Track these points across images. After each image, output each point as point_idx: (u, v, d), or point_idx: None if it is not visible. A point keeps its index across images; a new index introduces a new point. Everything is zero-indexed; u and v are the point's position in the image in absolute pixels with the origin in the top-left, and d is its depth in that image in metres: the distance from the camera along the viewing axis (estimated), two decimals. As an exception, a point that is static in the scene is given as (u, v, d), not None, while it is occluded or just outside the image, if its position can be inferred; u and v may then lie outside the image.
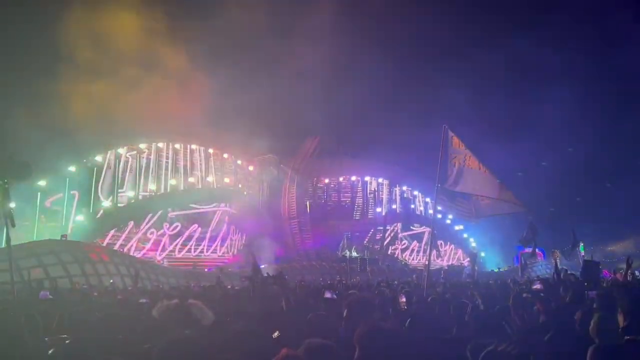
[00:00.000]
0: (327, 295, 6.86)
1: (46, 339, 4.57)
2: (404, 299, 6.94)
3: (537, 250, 26.13)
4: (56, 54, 28.79)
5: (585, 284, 11.07)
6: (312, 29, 34.11)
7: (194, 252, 37.20)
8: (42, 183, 29.40)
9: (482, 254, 48.36)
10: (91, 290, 15.69)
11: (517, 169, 35.79)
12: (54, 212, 31.68)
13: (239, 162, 43.49)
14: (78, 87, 29.02)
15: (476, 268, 30.44)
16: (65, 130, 28.29)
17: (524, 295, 7.60)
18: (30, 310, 5.07)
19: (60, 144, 28.05)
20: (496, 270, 42.47)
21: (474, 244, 49.18)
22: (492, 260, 47.57)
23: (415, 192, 50.15)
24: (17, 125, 28.38)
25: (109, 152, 34.53)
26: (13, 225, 6.34)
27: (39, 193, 30.04)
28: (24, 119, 28.39)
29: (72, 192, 32.05)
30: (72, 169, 31.85)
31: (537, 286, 7.44)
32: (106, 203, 33.59)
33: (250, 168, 44.35)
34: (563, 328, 4.57)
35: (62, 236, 28.59)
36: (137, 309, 6.03)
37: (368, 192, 49.58)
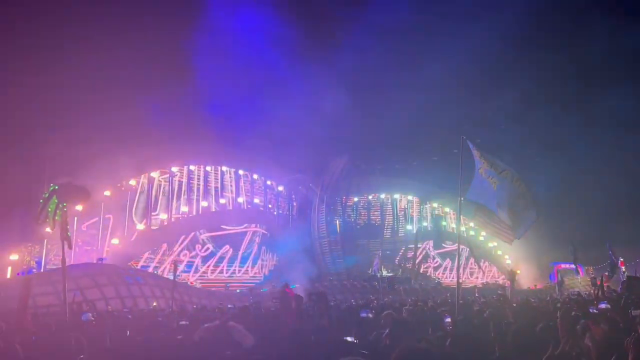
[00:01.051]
0: (363, 314, 6.81)
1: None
2: (449, 319, 6.81)
3: (577, 266, 25.42)
4: (90, 85, 29.70)
5: (629, 301, 10.70)
6: (334, 49, 34.43)
7: (226, 273, 37.45)
8: (78, 207, 30.13)
9: (518, 271, 47.28)
10: (128, 312, 15.92)
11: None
12: (90, 235, 32.43)
13: (269, 182, 43.82)
14: (111, 113, 29.90)
15: (514, 286, 29.77)
16: (100, 155, 29.08)
17: (573, 313, 7.39)
18: (76, 331, 5.20)
19: (96, 169, 28.80)
20: (531, 288, 41.43)
21: (508, 261, 48.11)
22: (527, 278, 46.41)
23: (447, 209, 49.48)
24: (54, 151, 29.40)
25: (142, 175, 35.29)
26: (70, 248, 6.55)
27: (75, 217, 30.84)
28: (60, 144, 29.40)
29: (107, 215, 32.78)
30: (107, 193, 32.63)
31: (604, 306, 7.06)
32: (140, 226, 34.20)
33: (280, 188, 44.64)
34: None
35: (98, 259, 29.24)
36: (178, 330, 6.11)
37: (398, 209, 49.20)
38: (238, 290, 34.08)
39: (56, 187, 6.48)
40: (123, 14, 32.61)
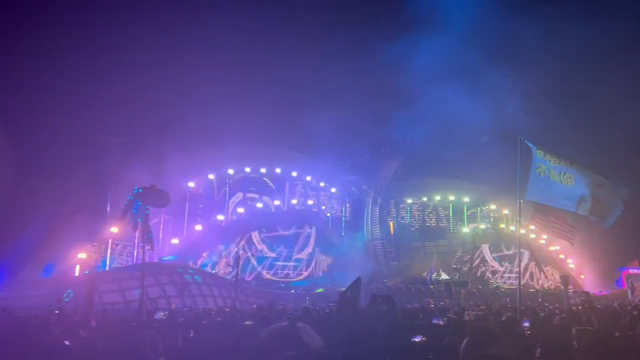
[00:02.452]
0: (435, 321, 6.63)
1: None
2: (527, 324, 6.53)
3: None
4: (153, 88, 30.69)
5: None
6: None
7: (282, 273, 37.87)
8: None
9: (583, 277, 45.15)
10: (189, 311, 16.32)
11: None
12: (151, 236, 33.53)
13: (322, 184, 43.96)
14: (169, 118, 30.89)
15: (572, 290, 28.39)
16: (159, 158, 30.07)
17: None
18: (149, 329, 5.33)
19: (155, 171, 29.80)
20: (596, 294, 39.40)
21: (572, 266, 46.01)
22: (592, 283, 44.20)
23: (505, 211, 47.91)
24: (116, 154, 30.62)
25: (200, 177, 36.26)
26: (152, 249, 6.85)
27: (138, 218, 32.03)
28: (121, 148, 30.54)
29: (166, 217, 33.85)
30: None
31: None
32: (198, 227, 35.10)
33: (333, 190, 44.68)
34: None
35: (159, 259, 30.23)
36: (243, 331, 6.16)
37: (453, 211, 48.10)
38: (292, 291, 34.33)
39: (140, 191, 6.74)
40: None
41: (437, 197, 47.95)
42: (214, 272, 32.95)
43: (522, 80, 36.78)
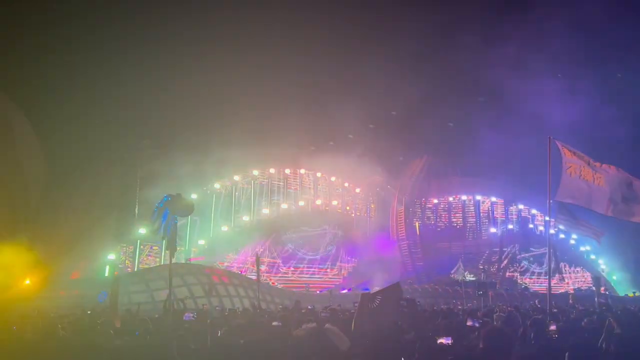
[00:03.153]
0: (469, 323, 6.52)
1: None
2: (554, 327, 6.38)
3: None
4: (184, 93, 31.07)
5: None
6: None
7: (307, 273, 37.95)
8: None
9: (614, 277, 44.02)
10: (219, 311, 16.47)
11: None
12: (178, 237, 33.96)
13: (346, 184, 43.90)
14: (196, 120, 31.24)
15: (603, 291, 27.74)
16: (185, 160, 30.44)
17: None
18: (180, 330, 5.39)
19: (183, 174, 30.20)
20: (631, 294, 38.35)
21: (603, 266, 44.90)
22: (625, 284, 43.04)
23: (534, 211, 47.02)
24: (144, 156, 31.18)
25: (226, 179, 36.61)
26: (173, 256, 7.06)
27: (153, 214, 32.38)
28: (148, 150, 31.13)
29: (194, 217, 34.24)
30: (194, 196, 34.11)
31: None
32: (224, 228, 35.43)
33: (358, 190, 44.56)
34: None
35: (186, 259, 30.60)
36: (271, 332, 6.18)
37: (481, 211, 47.45)
38: (318, 292, 34.36)
39: (169, 199, 6.90)
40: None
41: (464, 197, 47.37)
42: (239, 272, 33.18)
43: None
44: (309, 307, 17.13)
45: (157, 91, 29.85)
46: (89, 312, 14.98)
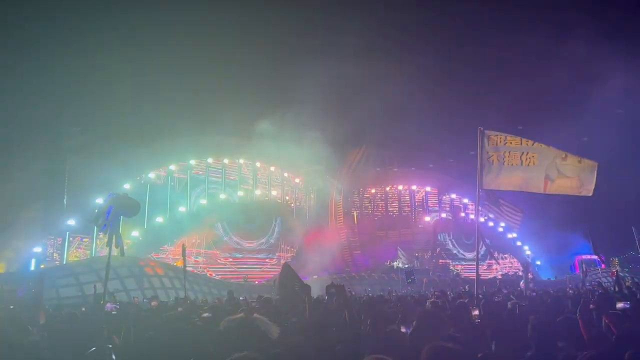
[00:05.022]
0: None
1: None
2: (476, 312, 6.65)
3: (599, 256, 24.89)
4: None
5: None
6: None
7: (245, 264, 37.71)
8: (99, 201, 30.48)
9: (538, 263, 46.74)
10: (148, 303, 16.06)
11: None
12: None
13: (286, 174, 43.87)
14: (129, 107, 30.03)
15: (530, 277, 29.36)
16: (119, 149, 29.34)
17: (591, 307, 7.18)
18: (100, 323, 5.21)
19: (116, 163, 29.10)
20: (552, 279, 40.94)
21: (528, 252, 47.56)
22: (547, 269, 45.88)
23: (465, 200, 49.03)
24: (74, 144, 29.77)
25: (161, 168, 35.56)
26: (122, 255, 6.84)
27: (96, 210, 31.14)
28: (79, 138, 29.76)
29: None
30: (127, 186, 32.92)
31: (622, 305, 6.57)
32: (159, 218, 34.49)
33: (297, 180, 44.65)
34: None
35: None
36: (203, 323, 6.09)
37: (416, 201, 48.89)
38: (257, 282, 34.28)
39: (114, 196, 6.67)
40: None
41: (400, 187, 48.63)
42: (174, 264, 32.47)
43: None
44: (241, 298, 17.08)
45: (89, 75, 28.41)
46: (11, 307, 14.17)
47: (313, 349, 4.73)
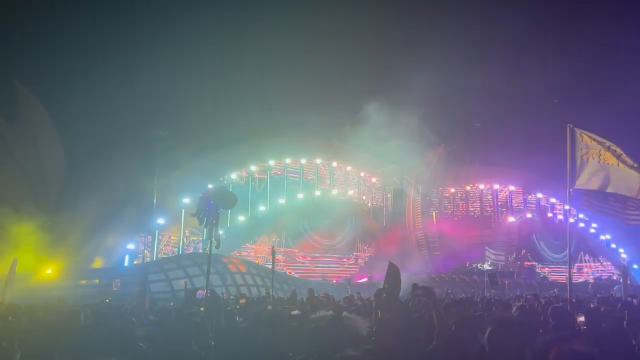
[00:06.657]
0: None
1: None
2: (582, 318, 6.23)
3: None
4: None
5: None
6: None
7: (323, 263, 38.10)
8: (186, 200, 31.95)
9: (635, 266, 43.35)
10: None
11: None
12: (197, 227, 34.26)
13: (362, 174, 43.77)
14: (212, 109, 31.34)
15: (628, 282, 27.31)
16: (202, 151, 30.61)
17: None
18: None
19: (199, 164, 30.37)
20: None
21: (624, 255, 44.23)
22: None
23: (553, 200, 46.48)
24: (163, 146, 31.39)
25: (243, 169, 36.75)
26: (217, 247, 7.26)
27: (182, 210, 32.65)
28: (169, 140, 31.36)
29: (211, 208, 34.43)
30: (210, 186, 34.28)
31: None
32: (241, 217, 35.59)
33: (374, 180, 44.42)
34: None
35: (204, 250, 30.82)
36: (291, 319, 6.19)
37: (499, 200, 47.00)
38: (334, 281, 34.46)
39: (213, 191, 7.03)
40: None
41: (482, 186, 46.97)
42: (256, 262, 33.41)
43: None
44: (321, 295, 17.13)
45: (173, 82, 29.99)
46: (107, 300, 15.25)
47: (402, 348, 4.67)
